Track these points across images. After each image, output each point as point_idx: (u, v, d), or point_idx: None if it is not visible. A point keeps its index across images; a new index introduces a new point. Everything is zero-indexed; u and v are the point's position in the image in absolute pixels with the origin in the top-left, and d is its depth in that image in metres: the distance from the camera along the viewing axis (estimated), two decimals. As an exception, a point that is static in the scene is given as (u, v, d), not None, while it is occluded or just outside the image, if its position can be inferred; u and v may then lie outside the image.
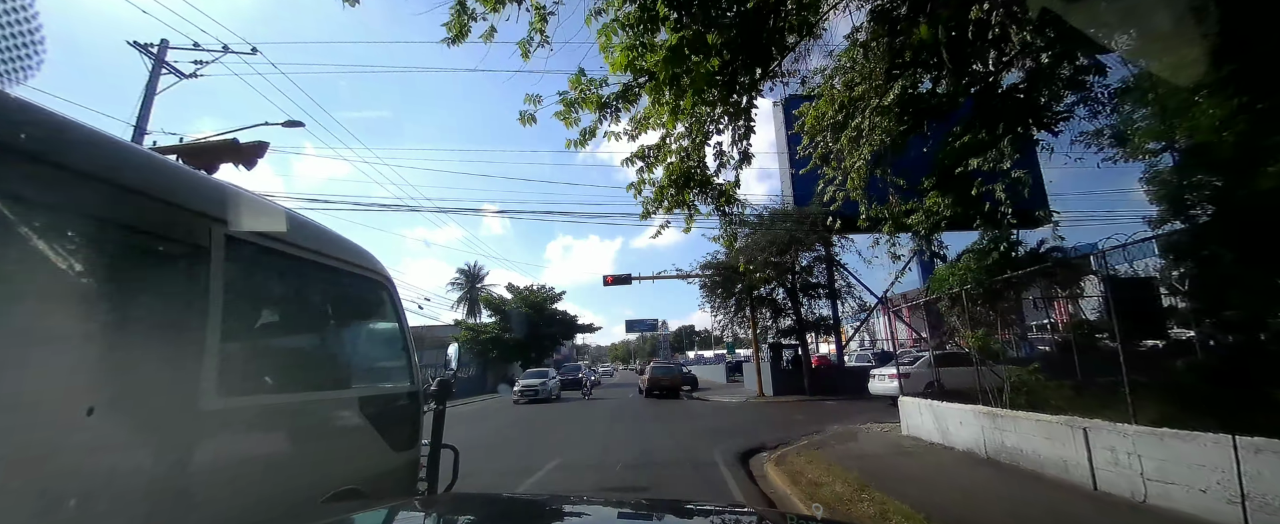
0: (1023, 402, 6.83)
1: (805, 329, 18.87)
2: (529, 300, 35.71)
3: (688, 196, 5.15)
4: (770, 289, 19.15)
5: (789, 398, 17.90)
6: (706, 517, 1.90)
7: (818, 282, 19.01)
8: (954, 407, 7.78)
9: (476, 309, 42.88)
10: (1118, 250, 5.59)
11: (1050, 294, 9.20)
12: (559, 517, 1.85)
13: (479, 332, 34.39)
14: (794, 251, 17.53)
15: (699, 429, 11.36)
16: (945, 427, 8.00)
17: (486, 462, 8.27)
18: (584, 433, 11.69)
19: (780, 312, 19.32)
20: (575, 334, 42.08)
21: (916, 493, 5.32)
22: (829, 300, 19.33)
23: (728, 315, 19.74)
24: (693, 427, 11.87)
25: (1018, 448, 6.63)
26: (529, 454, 9.22)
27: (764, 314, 19.66)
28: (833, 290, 19.05)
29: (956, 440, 7.72)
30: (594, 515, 1.90)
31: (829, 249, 18.62)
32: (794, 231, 16.69)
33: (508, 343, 34.09)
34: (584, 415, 15.52)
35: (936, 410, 8.22)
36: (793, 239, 16.85)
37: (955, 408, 7.74)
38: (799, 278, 18.67)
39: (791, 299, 18.85)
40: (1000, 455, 6.87)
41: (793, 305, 18.87)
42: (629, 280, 23.04)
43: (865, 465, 6.87)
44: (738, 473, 7.18)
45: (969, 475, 6.42)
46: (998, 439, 6.94)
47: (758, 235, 18.01)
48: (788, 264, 18.01)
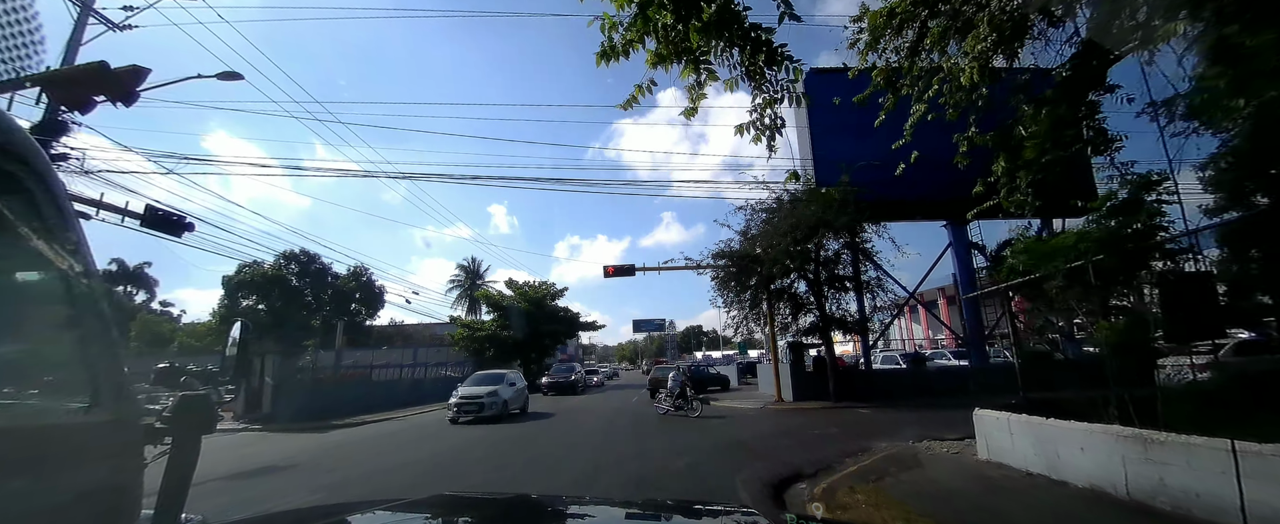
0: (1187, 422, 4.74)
1: (830, 326, 16.69)
2: (528, 297, 33.77)
3: (695, 38, 3.07)
4: (790, 281, 16.99)
5: (813, 404, 15.75)
6: (711, 517, 1.91)
7: (844, 273, 16.81)
8: (1070, 426, 5.65)
9: (477, 307, 41.08)
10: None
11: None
12: (561, 517, 1.90)
13: (475, 329, 32.53)
14: (820, 237, 15.38)
15: (713, 445, 9.26)
16: (1052, 452, 5.87)
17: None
18: (551, 463, 8.32)
19: (801, 307, 17.12)
20: (577, 332, 40.03)
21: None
22: (855, 294, 17.11)
23: (742, 311, 17.55)
24: (704, 441, 9.76)
25: (1190, 491, 4.53)
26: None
27: (782, 309, 17.49)
28: (859, 282, 16.84)
29: (1073, 473, 5.60)
30: (598, 516, 1.95)
31: (855, 237, 16.45)
32: (822, 214, 14.57)
33: (506, 341, 32.14)
34: (556, 436, 10.93)
35: (1037, 429, 6.09)
36: (820, 221, 14.72)
37: (1073, 428, 5.60)
38: (824, 268, 16.49)
39: (814, 293, 16.68)
40: (1157, 499, 4.77)
41: (815, 300, 16.69)
42: (631, 271, 21.04)
43: (957, 510, 4.80)
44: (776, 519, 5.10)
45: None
46: (1151, 475, 4.83)
47: (777, 220, 15.90)
48: (811, 252, 15.87)
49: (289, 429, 15.02)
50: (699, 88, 3.27)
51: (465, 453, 9.68)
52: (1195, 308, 4.95)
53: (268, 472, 8.49)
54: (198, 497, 5.46)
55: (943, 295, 36.83)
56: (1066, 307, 5.77)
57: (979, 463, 6.81)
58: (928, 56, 4.56)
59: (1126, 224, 4.82)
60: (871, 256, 16.75)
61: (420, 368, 30.99)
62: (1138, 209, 4.84)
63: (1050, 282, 5.45)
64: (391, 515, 1.83)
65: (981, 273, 17.67)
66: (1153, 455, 4.82)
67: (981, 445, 7.10)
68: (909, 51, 4.69)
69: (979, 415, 7.18)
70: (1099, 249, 4.99)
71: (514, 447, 10.12)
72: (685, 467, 7.35)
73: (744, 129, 3.52)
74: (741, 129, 3.54)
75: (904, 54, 4.56)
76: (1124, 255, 4.90)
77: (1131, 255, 4.86)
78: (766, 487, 6.01)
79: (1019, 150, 5.00)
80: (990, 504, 5.21)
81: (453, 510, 2.02)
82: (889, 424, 11.15)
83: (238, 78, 10.15)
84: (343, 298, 33.86)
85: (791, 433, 10.38)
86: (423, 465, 8.66)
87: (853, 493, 5.45)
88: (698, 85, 3.26)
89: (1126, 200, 4.89)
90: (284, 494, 6.85)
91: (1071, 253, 5.31)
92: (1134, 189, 4.84)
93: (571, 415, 15.92)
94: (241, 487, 7.37)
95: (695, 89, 3.27)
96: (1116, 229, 4.86)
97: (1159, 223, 4.73)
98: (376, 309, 35.91)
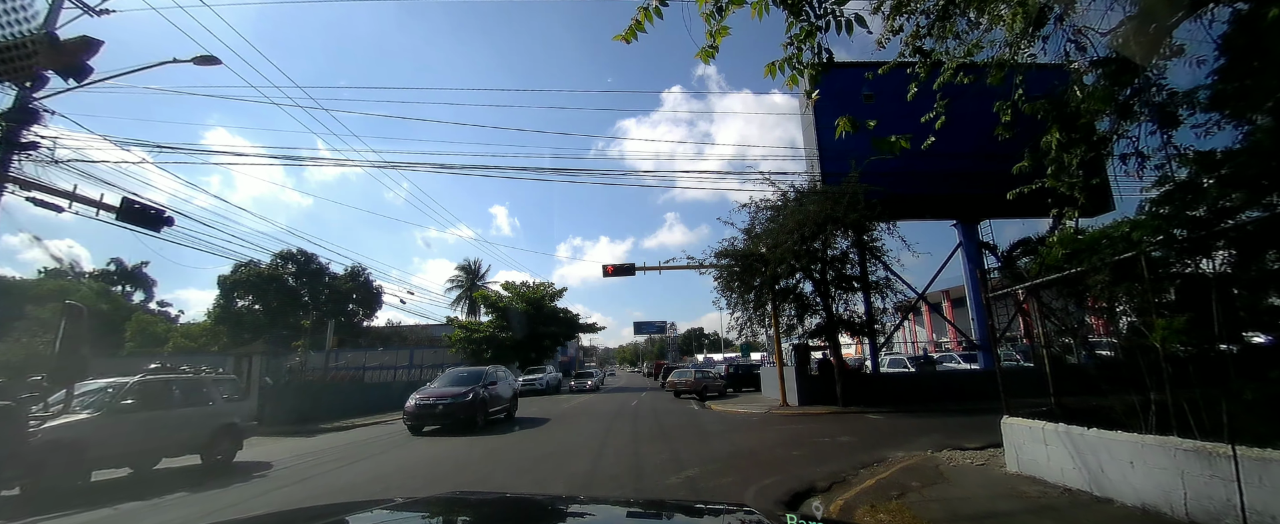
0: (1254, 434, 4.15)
1: (837, 328, 16.07)
2: (527, 298, 33.22)
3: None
4: (796, 281, 16.38)
5: (820, 409, 15.14)
6: (711, 516, 1.88)
7: (852, 273, 16.20)
8: (1117, 437, 5.06)
9: (477, 308, 40.51)
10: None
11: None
12: (561, 516, 1.85)
13: (472, 330, 31.98)
14: (827, 235, 14.79)
15: (716, 455, 8.66)
16: (1095, 465, 5.29)
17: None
18: (542, 476, 7.53)
19: (807, 308, 16.50)
20: (577, 333, 39.41)
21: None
22: (863, 295, 16.50)
23: (746, 312, 16.92)
24: (708, 450, 9.17)
25: (1265, 513, 3.95)
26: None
27: (787, 311, 16.87)
28: (867, 283, 16.23)
29: (1120, 489, 5.02)
30: (599, 515, 1.92)
31: (864, 235, 15.87)
32: (830, 211, 13.99)
33: (504, 342, 31.57)
34: (540, 449, 9.55)
35: (1078, 440, 5.50)
36: (828, 218, 14.13)
37: (1120, 439, 5.02)
38: (831, 268, 15.89)
39: (821, 293, 16.07)
40: (1223, 522, 4.18)
41: (822, 301, 16.08)
42: (631, 270, 20.45)
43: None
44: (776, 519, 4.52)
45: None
46: (1216, 495, 4.25)
47: (783, 217, 15.33)
48: (818, 251, 15.27)
49: (274, 433, 14.47)
50: (719, 15, 2.70)
51: (443, 463, 9.11)
52: (1216, 309, 4.44)
53: (239, 478, 7.93)
54: (145, 510, 4.60)
55: (947, 298, 36.20)
56: (1110, 304, 5.17)
57: (1010, 476, 6.21)
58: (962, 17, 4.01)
59: (1186, 209, 4.25)
60: (881, 256, 16.16)
61: (416, 370, 30.41)
62: (1199, 193, 4.27)
63: (1096, 276, 4.86)
64: (391, 515, 1.83)
65: (993, 274, 17.09)
66: (1219, 472, 4.24)
67: (1011, 457, 6.51)
68: (939, 15, 4.14)
69: (1009, 424, 6.59)
70: (1160, 238, 4.40)
71: (488, 457, 9.55)
72: (686, 481, 6.75)
73: (778, 67, 2.93)
74: (773, 68, 2.94)
75: (934, 16, 4.01)
76: (1183, 245, 4.33)
77: (1192, 245, 4.29)
78: (778, 504, 5.42)
79: (1074, 121, 4.42)
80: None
81: (452, 510, 2.03)
82: (902, 431, 10.56)
83: (215, 62, 9.62)
84: (340, 298, 33.36)
85: (799, 441, 9.78)
86: (402, 474, 8.09)
87: (874, 513, 4.86)
88: (718, 11, 2.69)
89: (1186, 183, 4.33)
90: (243, 507, 6.28)
91: (1121, 245, 4.73)
92: (1194, 170, 4.27)
93: (567, 419, 15.29)
94: (205, 498, 6.80)
95: (714, 17, 2.69)
96: (1175, 215, 4.29)
97: (1226, 207, 4.16)
98: (374, 310, 35.42)
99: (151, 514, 6.18)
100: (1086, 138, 4.45)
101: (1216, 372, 4.15)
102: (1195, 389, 4.56)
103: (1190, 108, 4.42)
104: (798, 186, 16.55)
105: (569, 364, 67.37)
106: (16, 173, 9.43)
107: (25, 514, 5.96)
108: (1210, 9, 4.25)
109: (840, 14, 2.77)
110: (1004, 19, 3.75)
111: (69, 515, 6.01)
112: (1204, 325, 4.31)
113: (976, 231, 18.69)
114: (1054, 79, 5.23)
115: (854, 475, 6.72)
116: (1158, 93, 3.90)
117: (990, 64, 4.22)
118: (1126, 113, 4.21)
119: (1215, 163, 4.21)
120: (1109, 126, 4.51)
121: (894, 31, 3.98)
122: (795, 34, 2.87)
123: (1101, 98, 4.27)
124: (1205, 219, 4.31)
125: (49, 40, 3.58)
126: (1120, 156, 4.77)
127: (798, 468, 7.25)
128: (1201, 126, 4.51)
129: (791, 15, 2.81)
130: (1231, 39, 4.02)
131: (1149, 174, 4.95)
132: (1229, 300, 4.62)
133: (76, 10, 10.44)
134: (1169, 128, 3.99)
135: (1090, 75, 4.45)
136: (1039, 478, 5.95)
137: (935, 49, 4.08)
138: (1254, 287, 4.85)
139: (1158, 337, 4.44)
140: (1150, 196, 4.55)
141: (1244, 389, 4.10)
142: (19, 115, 9.75)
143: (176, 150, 36.34)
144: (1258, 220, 4.20)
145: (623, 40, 2.73)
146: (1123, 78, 4.11)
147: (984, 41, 4.07)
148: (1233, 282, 5.03)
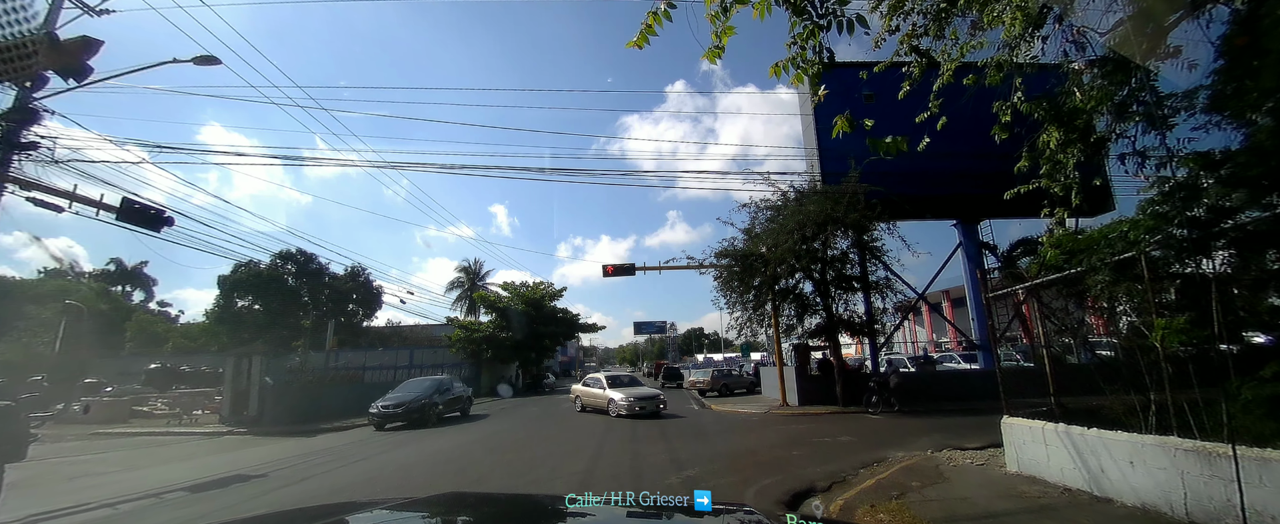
0: (1254, 434, 4.15)
1: (837, 328, 16.06)
2: (526, 298, 33.20)
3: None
4: (796, 281, 16.37)
5: (820, 410, 15.15)
6: (711, 516, 1.86)
7: (852, 273, 16.19)
8: (1117, 437, 5.06)
9: (477, 308, 40.48)
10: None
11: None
12: (561, 515, 1.85)
13: (472, 330, 31.94)
14: (828, 234, 14.78)
15: (716, 454, 8.66)
16: (1095, 465, 5.29)
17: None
18: (543, 474, 7.78)
19: (807, 308, 16.49)
20: (577, 333, 39.39)
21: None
22: (863, 295, 16.50)
23: (746, 312, 16.90)
24: (707, 450, 9.17)
25: (1265, 513, 3.95)
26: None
27: (787, 311, 16.87)
28: (867, 283, 16.23)
29: (1120, 489, 5.02)
30: (598, 514, 1.89)
31: (864, 235, 15.86)
32: (830, 211, 13.98)
33: (504, 342, 31.54)
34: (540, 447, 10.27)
35: (1078, 440, 5.51)
36: (828, 218, 14.12)
37: (1120, 439, 5.02)
38: (831, 268, 15.88)
39: (821, 293, 16.06)
40: (1224, 522, 4.19)
41: (822, 301, 16.07)
42: (631, 270, 20.45)
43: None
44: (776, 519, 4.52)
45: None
46: (1216, 495, 4.26)
47: (783, 217, 15.32)
48: (818, 251, 15.26)
49: (274, 433, 14.46)
50: (725, 15, 2.70)
51: (440, 459, 9.11)
52: (1216, 309, 4.44)
53: (235, 480, 7.92)
54: (146, 509, 4.55)
55: (947, 298, 36.21)
56: (1110, 304, 5.17)
57: (1010, 477, 6.22)
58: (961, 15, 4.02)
59: (1186, 208, 4.25)
60: (881, 256, 16.15)
61: (416, 370, 30.37)
62: (1198, 192, 4.27)
63: (1095, 276, 4.86)
64: (392, 515, 1.83)
65: (993, 274, 17.10)
66: (1219, 472, 4.25)
67: (1011, 457, 6.52)
68: (937, 14, 4.14)
69: (1009, 424, 6.59)
70: (1140, 242, 4.40)
71: (487, 452, 9.55)
72: (685, 481, 6.75)
73: (782, 67, 2.96)
74: (778, 68, 2.96)
75: (931, 15, 4.01)
76: (1182, 245, 4.33)
77: (1192, 245, 4.29)
78: (778, 504, 5.42)
79: (1072, 121, 4.42)
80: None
81: (452, 510, 2.01)
82: (903, 431, 10.57)
83: (215, 62, 9.63)
84: (340, 298, 33.35)
85: (799, 441, 9.78)
86: (400, 474, 8.10)
87: (874, 512, 4.87)
88: (723, 11, 2.69)
89: (1184, 182, 4.33)
90: (238, 509, 6.26)
91: (1119, 244, 4.73)
92: (1194, 169, 4.27)
93: (567, 419, 15.31)
94: (199, 499, 6.80)
95: (720, 17, 2.70)
96: (1174, 215, 4.29)
97: (1226, 206, 4.15)
98: (374, 310, 35.40)
99: (153, 513, 6.19)
100: (1084, 137, 4.46)
101: (1216, 371, 4.15)
102: (1195, 389, 4.58)
103: (1188, 110, 4.42)
104: (798, 186, 16.56)
105: (569, 364, 67.55)
106: (16, 173, 9.44)
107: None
108: (1208, 9, 4.25)
109: (842, 14, 2.78)
110: (1002, 20, 3.76)
111: (69, 515, 6.02)
112: (1204, 325, 4.32)
113: (977, 231, 18.70)
114: (1053, 79, 5.24)
115: (854, 475, 6.72)
116: (1150, 95, 3.89)
117: (989, 64, 4.23)
118: (1123, 113, 4.22)
119: (1215, 163, 4.21)
120: (1106, 126, 4.53)
121: (891, 31, 3.99)
122: (799, 33, 2.88)
123: (1099, 97, 4.27)
124: (1205, 219, 4.31)
125: (49, 40, 3.54)
126: (1118, 157, 4.83)
127: (798, 468, 7.26)
128: (1200, 128, 4.53)
129: (794, 15, 2.82)
130: (1231, 39, 4.03)
131: (1148, 173, 4.96)
132: (1229, 300, 4.65)
133: (76, 10, 10.44)
134: (1159, 130, 3.99)
135: (1088, 75, 4.47)
136: (1039, 478, 5.96)
137: (932, 49, 4.08)
138: (1254, 287, 4.87)
139: (1157, 336, 4.44)
140: (1149, 196, 4.56)
141: (1243, 389, 4.11)
142: (19, 115, 9.77)
143: (176, 150, 36.33)
144: (1258, 220, 4.20)
145: (634, 46, 2.75)
146: (1118, 77, 4.13)
147: (983, 42, 4.09)
148: (1233, 281, 5.06)
